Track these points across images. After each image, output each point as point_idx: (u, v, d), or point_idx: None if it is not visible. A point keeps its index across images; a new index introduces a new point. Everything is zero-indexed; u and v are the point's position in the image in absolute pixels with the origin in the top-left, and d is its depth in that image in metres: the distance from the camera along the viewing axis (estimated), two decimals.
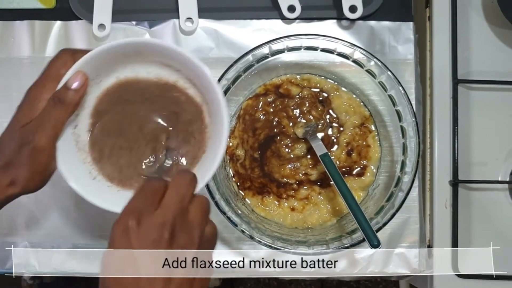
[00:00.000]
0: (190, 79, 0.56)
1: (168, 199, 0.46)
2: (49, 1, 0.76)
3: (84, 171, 0.57)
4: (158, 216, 0.45)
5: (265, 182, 0.71)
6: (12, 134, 0.52)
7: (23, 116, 0.52)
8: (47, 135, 0.51)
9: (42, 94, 0.52)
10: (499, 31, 0.77)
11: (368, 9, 0.74)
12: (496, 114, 0.76)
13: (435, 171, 0.74)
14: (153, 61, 0.56)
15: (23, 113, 0.52)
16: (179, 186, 0.47)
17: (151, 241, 0.44)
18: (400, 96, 0.65)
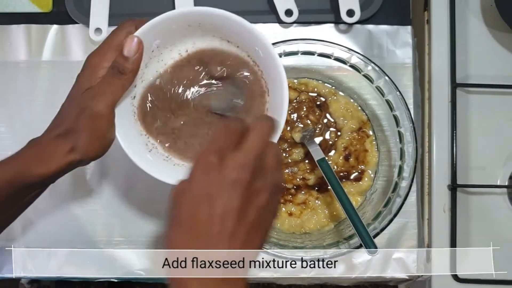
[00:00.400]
0: (249, 55, 0.56)
1: (251, 141, 0.46)
2: (46, 5, 0.76)
3: (140, 142, 0.58)
4: (240, 156, 0.45)
5: None
6: (72, 101, 0.54)
7: (83, 83, 0.53)
8: (105, 101, 0.52)
9: (102, 62, 0.53)
10: (498, 34, 0.77)
11: (366, 13, 0.74)
12: (495, 118, 0.76)
13: (433, 175, 0.74)
14: (213, 36, 0.56)
15: (83, 80, 0.54)
16: (262, 130, 0.47)
17: (231, 181, 0.44)
18: (398, 101, 0.65)
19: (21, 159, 0.54)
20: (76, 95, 0.54)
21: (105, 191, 0.74)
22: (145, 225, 0.74)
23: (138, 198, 0.74)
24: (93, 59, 0.54)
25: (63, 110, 0.55)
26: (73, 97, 0.54)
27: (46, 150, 0.53)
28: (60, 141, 0.53)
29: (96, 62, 0.54)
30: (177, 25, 0.55)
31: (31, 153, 0.54)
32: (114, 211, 0.74)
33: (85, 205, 0.74)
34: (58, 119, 0.55)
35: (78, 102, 0.53)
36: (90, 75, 0.53)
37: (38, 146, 0.54)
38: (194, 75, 0.58)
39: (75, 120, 0.52)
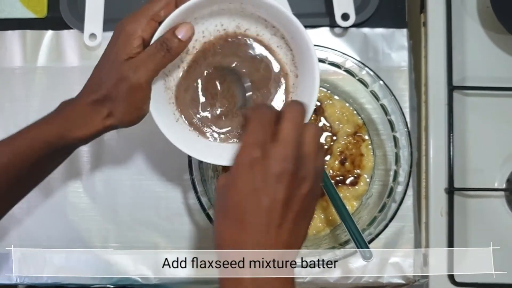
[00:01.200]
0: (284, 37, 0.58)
1: (286, 131, 0.46)
2: (41, 11, 0.76)
3: (168, 111, 0.59)
4: (280, 148, 0.46)
5: None
6: (111, 69, 0.54)
7: (120, 51, 0.53)
8: (147, 75, 0.53)
9: (137, 30, 0.53)
10: (495, 36, 0.77)
11: (361, 17, 0.74)
12: (492, 120, 0.76)
13: (430, 178, 0.73)
14: (257, 18, 0.57)
15: (119, 47, 0.53)
16: (295, 117, 0.48)
17: (275, 174, 0.45)
18: (393, 105, 0.65)
19: (60, 122, 0.55)
20: (114, 62, 0.53)
21: (100, 197, 0.75)
22: (140, 231, 0.74)
23: (132, 204, 0.74)
24: (128, 26, 0.53)
25: (99, 75, 0.55)
26: (111, 64, 0.54)
27: (84, 114, 0.55)
28: (98, 106, 0.54)
29: (131, 30, 0.53)
30: (218, 6, 0.56)
31: (69, 116, 0.55)
32: (109, 217, 0.74)
33: (80, 211, 0.74)
34: (95, 84, 0.55)
35: (118, 70, 0.53)
36: (126, 43, 0.53)
37: (76, 110, 0.55)
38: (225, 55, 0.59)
39: (113, 88, 0.53)
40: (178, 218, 0.74)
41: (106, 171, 0.75)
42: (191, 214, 0.73)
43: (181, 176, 0.74)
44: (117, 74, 0.53)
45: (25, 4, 0.76)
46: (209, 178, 0.67)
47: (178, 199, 0.74)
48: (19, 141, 0.56)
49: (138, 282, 0.72)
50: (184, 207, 0.74)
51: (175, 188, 0.74)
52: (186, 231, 0.73)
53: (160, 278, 0.72)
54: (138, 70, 0.52)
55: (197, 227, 0.73)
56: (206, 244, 0.73)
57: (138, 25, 0.53)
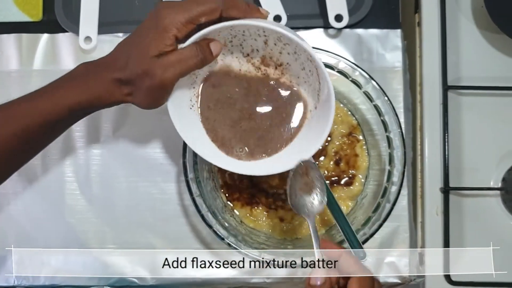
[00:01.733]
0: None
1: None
2: (36, 14, 0.77)
3: (184, 102, 0.61)
4: None
5: (253, 193, 0.71)
6: (139, 59, 0.54)
7: (152, 45, 0.54)
8: (174, 76, 0.55)
9: (173, 28, 0.54)
10: (489, 35, 0.77)
11: (355, 17, 0.74)
12: (487, 119, 0.76)
13: (425, 178, 0.74)
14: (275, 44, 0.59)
15: (152, 40, 0.54)
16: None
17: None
18: (386, 106, 0.65)
19: (83, 90, 0.57)
20: (144, 53, 0.54)
21: (97, 198, 0.75)
22: (137, 232, 0.74)
23: (129, 206, 0.75)
24: (166, 21, 0.54)
25: (127, 57, 0.56)
26: (140, 53, 0.54)
27: (107, 88, 0.56)
28: (120, 85, 0.56)
29: (168, 26, 0.53)
30: (248, 32, 0.58)
31: (93, 87, 0.57)
32: (106, 218, 0.74)
33: (77, 213, 0.75)
34: (121, 63, 0.56)
35: (148, 64, 0.54)
36: (160, 38, 0.54)
37: (100, 82, 0.57)
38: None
39: (138, 78, 0.55)
40: (174, 220, 0.74)
41: (102, 173, 0.75)
42: (187, 216, 0.74)
43: (177, 177, 0.74)
44: (145, 67, 0.54)
45: (21, 8, 0.76)
46: (204, 179, 0.67)
47: (174, 200, 0.74)
48: (42, 103, 0.57)
49: (135, 283, 0.73)
50: (180, 208, 0.74)
51: (171, 189, 0.74)
52: (182, 232, 0.74)
53: (157, 278, 0.73)
54: (167, 70, 0.54)
55: (192, 228, 0.74)
56: (202, 245, 0.74)
57: (175, 23, 0.53)
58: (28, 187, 0.75)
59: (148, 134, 0.75)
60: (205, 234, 0.73)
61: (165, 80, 0.54)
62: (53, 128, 0.59)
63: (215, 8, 0.54)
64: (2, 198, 0.74)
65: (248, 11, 0.56)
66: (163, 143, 0.75)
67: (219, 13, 0.55)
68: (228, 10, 0.55)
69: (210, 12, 0.54)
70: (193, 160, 0.65)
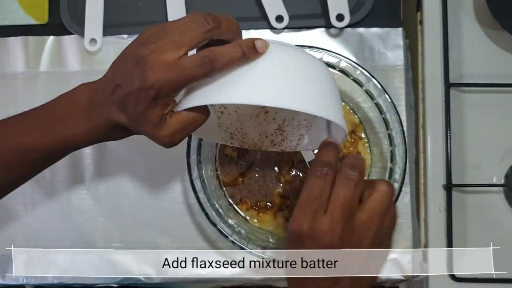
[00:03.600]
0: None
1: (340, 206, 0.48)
2: (42, 17, 0.78)
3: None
4: (327, 221, 0.47)
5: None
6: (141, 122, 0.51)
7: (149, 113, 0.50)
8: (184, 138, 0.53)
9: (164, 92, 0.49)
10: (491, 32, 0.77)
11: (356, 17, 0.74)
12: (490, 116, 0.76)
13: (428, 175, 0.74)
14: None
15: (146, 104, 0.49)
16: (346, 196, 0.48)
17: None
18: (387, 104, 0.65)
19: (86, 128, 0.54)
20: (143, 118, 0.50)
21: (103, 198, 0.76)
22: (143, 231, 0.75)
23: (135, 205, 0.76)
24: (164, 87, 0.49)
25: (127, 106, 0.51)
26: (140, 116, 0.50)
27: (110, 127, 0.53)
28: (125, 130, 0.54)
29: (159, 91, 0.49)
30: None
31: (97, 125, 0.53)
32: (112, 218, 0.75)
33: (84, 213, 0.76)
34: (121, 107, 0.51)
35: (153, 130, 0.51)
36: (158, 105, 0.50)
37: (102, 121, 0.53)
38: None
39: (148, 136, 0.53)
40: (179, 218, 0.75)
41: (108, 174, 0.76)
42: (191, 214, 0.75)
43: (182, 176, 0.75)
44: (151, 135, 0.52)
45: (27, 11, 0.78)
46: (209, 178, 0.68)
47: (179, 199, 0.75)
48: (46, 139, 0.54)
49: (141, 281, 0.74)
50: (185, 207, 0.75)
51: (176, 188, 0.75)
52: (188, 231, 0.75)
53: (163, 277, 0.73)
54: (174, 137, 0.52)
55: (198, 227, 0.75)
56: (207, 243, 0.74)
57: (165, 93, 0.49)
58: (36, 188, 0.76)
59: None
60: (210, 232, 0.74)
61: (176, 143, 0.53)
62: (54, 158, 0.58)
63: (206, 74, 0.49)
64: (11, 198, 0.75)
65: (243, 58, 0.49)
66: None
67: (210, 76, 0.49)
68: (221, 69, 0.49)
69: (200, 78, 0.49)
70: (197, 159, 0.66)
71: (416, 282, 0.75)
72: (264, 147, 0.65)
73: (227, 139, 0.64)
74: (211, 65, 0.48)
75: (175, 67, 0.48)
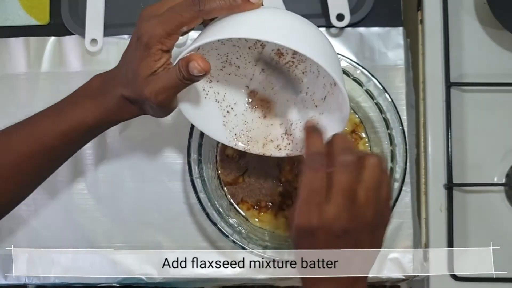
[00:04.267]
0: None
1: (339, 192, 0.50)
2: (43, 18, 0.78)
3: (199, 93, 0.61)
4: (333, 208, 0.49)
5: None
6: (134, 80, 0.53)
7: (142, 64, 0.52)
8: (169, 100, 0.54)
9: (154, 43, 0.51)
10: (492, 32, 0.77)
11: (357, 16, 0.74)
12: (491, 115, 0.76)
13: (429, 174, 0.74)
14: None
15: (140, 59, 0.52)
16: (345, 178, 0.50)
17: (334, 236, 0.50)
18: (387, 103, 0.66)
19: (98, 107, 0.57)
20: (136, 74, 0.53)
21: (105, 198, 0.76)
22: (144, 231, 0.75)
23: (136, 205, 0.76)
24: (145, 37, 0.51)
25: (126, 75, 0.54)
26: (134, 73, 0.53)
27: (120, 105, 0.56)
28: (130, 102, 0.56)
29: (148, 41, 0.51)
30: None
31: (107, 104, 0.56)
32: (114, 217, 0.76)
33: (86, 213, 0.76)
34: (124, 77, 0.55)
35: (142, 86, 0.53)
36: (145, 56, 0.52)
37: (112, 100, 0.56)
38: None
39: (140, 97, 0.54)
40: (180, 218, 0.75)
41: (109, 173, 0.76)
42: (192, 214, 0.75)
43: (183, 176, 0.75)
44: (141, 92, 0.53)
45: (28, 12, 0.78)
46: (209, 177, 0.68)
47: (180, 199, 0.75)
48: (61, 121, 0.57)
49: (143, 280, 0.74)
50: (186, 207, 0.75)
51: (176, 188, 0.76)
52: (189, 230, 0.75)
53: (164, 277, 0.74)
54: (158, 96, 0.53)
55: (198, 226, 0.75)
56: (208, 242, 0.75)
57: (155, 37, 0.51)
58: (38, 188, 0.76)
59: (153, 134, 0.76)
60: (211, 231, 0.74)
61: (161, 102, 0.54)
62: (73, 144, 0.60)
63: (194, 16, 0.50)
64: None
65: (235, 6, 0.50)
66: (169, 142, 0.76)
67: (200, 19, 0.51)
68: (210, 13, 0.51)
69: (190, 21, 0.51)
70: (198, 159, 0.66)
71: (417, 282, 0.75)
72: (269, 152, 0.64)
73: (231, 139, 0.64)
74: (200, 4, 0.50)
75: (165, 13, 0.51)
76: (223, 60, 0.62)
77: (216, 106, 0.63)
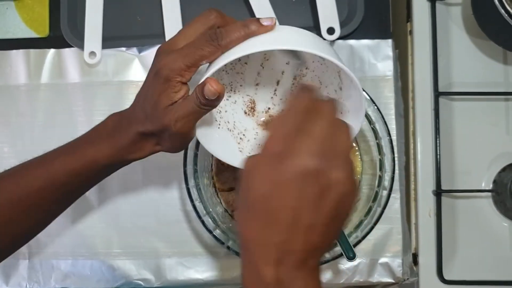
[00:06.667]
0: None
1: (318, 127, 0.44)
2: (43, 31, 0.80)
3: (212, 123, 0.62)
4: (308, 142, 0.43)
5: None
6: (153, 111, 0.54)
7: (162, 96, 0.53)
8: (188, 126, 0.54)
9: (173, 76, 0.52)
10: (479, 42, 0.78)
11: (347, 29, 0.76)
12: (478, 123, 0.78)
13: (418, 181, 0.76)
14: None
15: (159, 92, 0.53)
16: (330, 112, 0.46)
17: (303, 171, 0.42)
18: (376, 114, 0.68)
19: (113, 145, 0.57)
20: (156, 105, 0.53)
21: (103, 205, 0.78)
22: (142, 237, 0.77)
23: (134, 211, 0.77)
24: (164, 71, 0.52)
25: (144, 109, 0.55)
26: (153, 105, 0.54)
27: (135, 142, 0.57)
28: (146, 137, 0.57)
29: (168, 74, 0.52)
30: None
31: (122, 142, 0.57)
32: (112, 224, 0.77)
33: (85, 219, 0.77)
34: (141, 117, 0.56)
35: (160, 118, 0.53)
36: (165, 88, 0.52)
37: (127, 137, 0.57)
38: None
39: (158, 130, 0.55)
40: (177, 224, 0.76)
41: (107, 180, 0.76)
42: (189, 221, 0.76)
43: (179, 184, 0.77)
44: (159, 121, 0.54)
45: (29, 25, 0.80)
46: (204, 186, 0.70)
47: (177, 206, 0.77)
48: (75, 160, 0.58)
49: (141, 286, 0.76)
50: (182, 213, 0.77)
51: (173, 195, 0.77)
52: (185, 236, 0.76)
53: (162, 282, 0.75)
54: (177, 123, 0.53)
55: (194, 233, 0.76)
56: (204, 248, 0.76)
57: (175, 71, 0.52)
58: None
59: None
60: (207, 238, 0.76)
61: (180, 129, 0.54)
62: (85, 182, 0.61)
63: (214, 51, 0.52)
64: None
65: (249, 33, 0.52)
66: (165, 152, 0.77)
67: (220, 52, 0.52)
68: (229, 46, 0.52)
69: (210, 55, 0.52)
70: (193, 169, 0.68)
71: (406, 286, 0.77)
72: None
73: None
74: (217, 39, 0.51)
75: (185, 47, 0.52)
76: (228, 89, 0.63)
77: (230, 135, 0.63)
